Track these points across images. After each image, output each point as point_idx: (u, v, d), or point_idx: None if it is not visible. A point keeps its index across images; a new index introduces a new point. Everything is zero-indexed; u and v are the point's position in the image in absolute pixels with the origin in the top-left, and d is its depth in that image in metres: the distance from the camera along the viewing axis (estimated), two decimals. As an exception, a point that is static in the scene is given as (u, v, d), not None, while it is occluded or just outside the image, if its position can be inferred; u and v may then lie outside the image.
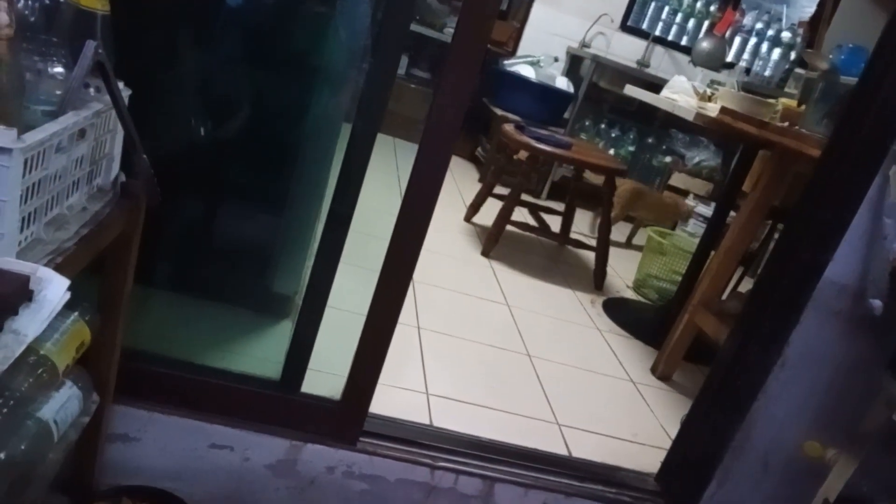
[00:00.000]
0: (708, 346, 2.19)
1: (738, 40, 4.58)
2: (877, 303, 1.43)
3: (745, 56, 4.60)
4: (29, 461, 0.90)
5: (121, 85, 0.94)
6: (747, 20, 4.58)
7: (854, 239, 1.43)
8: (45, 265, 0.78)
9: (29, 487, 0.92)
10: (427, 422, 1.69)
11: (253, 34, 1.60)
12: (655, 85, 3.58)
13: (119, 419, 1.31)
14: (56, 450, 0.97)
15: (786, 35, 4.51)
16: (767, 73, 4.57)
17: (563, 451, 1.76)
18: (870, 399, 1.44)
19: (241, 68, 1.60)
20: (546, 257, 3.32)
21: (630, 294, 3.15)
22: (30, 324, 0.70)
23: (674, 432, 1.81)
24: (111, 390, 1.18)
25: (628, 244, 3.94)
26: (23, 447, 0.88)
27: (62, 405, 0.97)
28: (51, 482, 1.01)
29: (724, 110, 2.23)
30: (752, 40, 4.58)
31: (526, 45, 4.64)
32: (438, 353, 2.07)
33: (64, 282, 0.75)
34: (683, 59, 4.63)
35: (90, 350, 1.03)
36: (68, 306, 0.76)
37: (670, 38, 4.70)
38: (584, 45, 4.59)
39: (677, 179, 4.30)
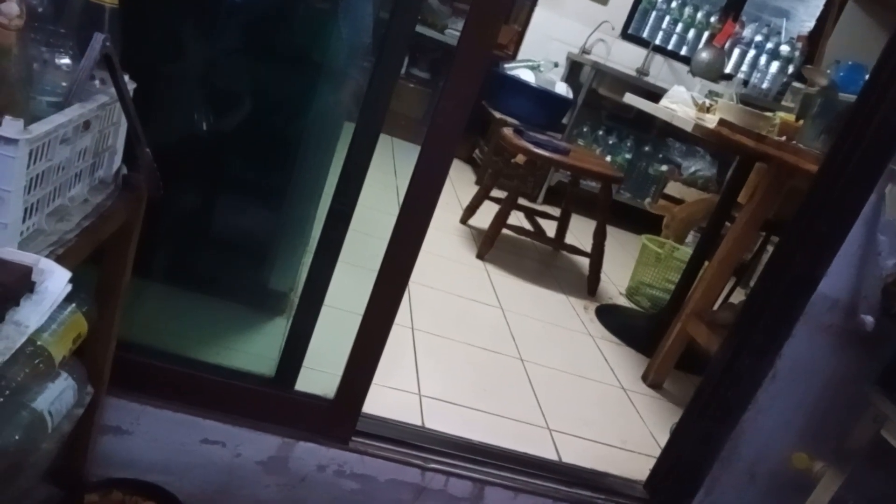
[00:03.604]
0: (699, 355, 2.21)
1: (736, 52, 4.60)
2: (868, 318, 1.45)
3: (744, 68, 4.62)
4: (22, 451, 0.90)
5: (126, 78, 0.94)
6: (747, 32, 4.60)
7: (848, 254, 1.44)
8: (47, 256, 0.78)
9: (21, 477, 0.92)
10: (419, 423, 1.69)
11: (257, 30, 1.60)
12: (654, 94, 3.60)
13: (112, 411, 1.31)
14: (49, 440, 0.97)
15: (784, 48, 4.54)
16: (765, 85, 4.60)
17: (553, 456, 1.77)
18: (858, 414, 1.45)
19: (245, 64, 1.60)
20: (540, 262, 3.33)
21: (623, 301, 3.17)
22: (31, 315, 0.70)
23: (663, 440, 1.83)
24: (105, 382, 1.18)
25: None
26: (17, 437, 0.88)
27: (57, 396, 0.97)
28: (43, 472, 1.01)
29: (722, 122, 2.24)
30: (751, 52, 4.61)
31: (527, 48, 4.65)
32: (431, 355, 2.07)
33: (65, 273, 0.75)
34: (682, 68, 4.65)
35: (86, 341, 1.02)
36: (66, 298, 0.76)
37: (670, 47, 4.72)
38: (585, 51, 4.61)
39: (672, 188, 4.32)
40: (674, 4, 4.64)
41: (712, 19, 4.63)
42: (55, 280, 0.73)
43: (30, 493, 1.09)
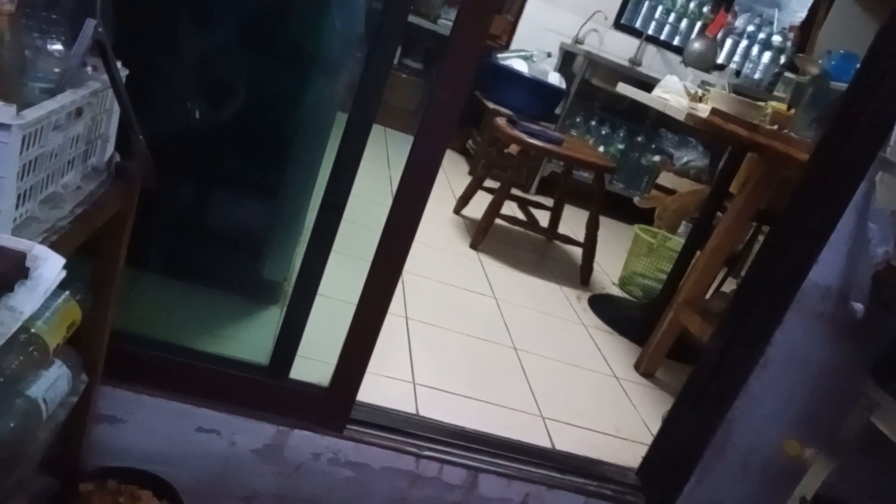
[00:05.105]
0: (691, 344, 2.22)
1: (729, 42, 4.60)
2: (859, 306, 1.46)
3: (736, 58, 4.63)
4: (17, 440, 0.90)
5: (118, 65, 0.94)
6: (739, 22, 4.60)
7: (839, 243, 1.45)
8: (41, 243, 0.78)
9: (17, 466, 0.92)
10: (413, 411, 1.70)
11: (250, 20, 1.59)
12: (647, 84, 3.60)
13: (107, 400, 1.31)
14: (44, 429, 0.97)
15: (776, 39, 4.54)
16: (757, 75, 4.60)
17: (546, 444, 1.78)
18: (850, 402, 1.47)
19: (237, 54, 1.59)
20: (534, 251, 3.34)
21: (616, 291, 3.18)
22: (25, 301, 0.70)
23: (655, 428, 1.84)
24: (100, 371, 1.18)
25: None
26: (12, 425, 0.88)
27: (51, 384, 0.97)
28: (38, 462, 1.01)
29: (714, 112, 2.24)
30: (744, 43, 4.61)
31: (519, 39, 4.63)
32: (425, 344, 2.08)
33: (60, 260, 0.75)
34: (675, 58, 4.65)
35: (80, 330, 1.02)
36: (60, 285, 0.76)
37: (663, 37, 4.72)
38: (578, 41, 4.60)
39: (665, 179, 4.33)
40: (666, -6, 4.64)
41: (705, 9, 4.63)
42: (49, 266, 0.73)
43: (25, 482, 1.09)
